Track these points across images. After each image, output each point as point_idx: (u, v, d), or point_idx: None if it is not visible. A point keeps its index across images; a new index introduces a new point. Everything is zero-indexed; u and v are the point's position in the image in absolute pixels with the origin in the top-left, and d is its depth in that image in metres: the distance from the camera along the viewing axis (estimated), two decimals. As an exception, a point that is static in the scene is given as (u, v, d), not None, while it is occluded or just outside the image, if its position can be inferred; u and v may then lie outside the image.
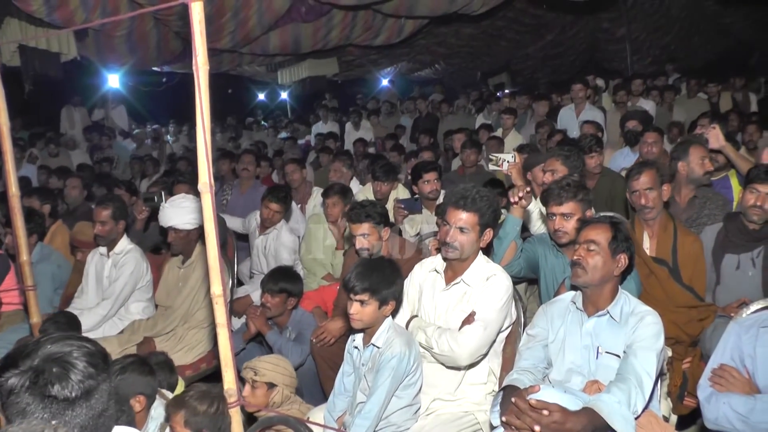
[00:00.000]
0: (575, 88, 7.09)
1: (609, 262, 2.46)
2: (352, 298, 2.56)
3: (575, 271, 2.48)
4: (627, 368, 2.29)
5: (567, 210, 3.05)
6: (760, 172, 3.24)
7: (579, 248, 2.50)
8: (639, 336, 2.36)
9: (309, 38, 9.01)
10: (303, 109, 15.17)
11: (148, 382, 2.66)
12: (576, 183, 3.14)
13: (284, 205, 4.63)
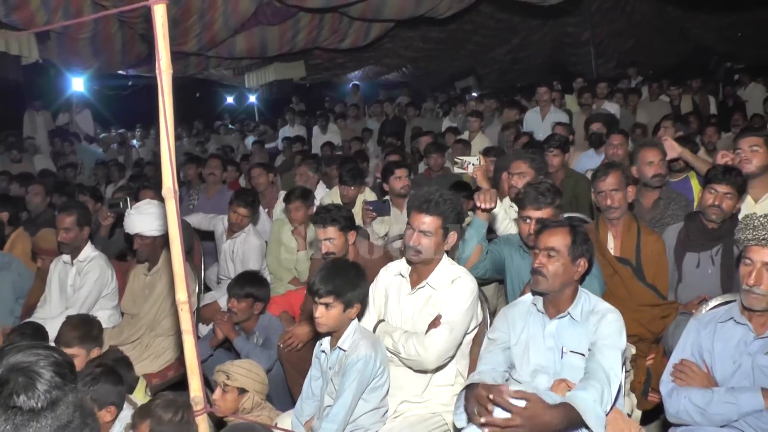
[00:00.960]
0: (540, 91, 7.19)
1: (569, 267, 2.46)
2: (317, 302, 2.55)
3: (536, 279, 2.48)
4: (595, 367, 2.31)
5: (544, 215, 3.04)
6: (718, 173, 3.32)
7: (539, 255, 2.48)
8: (602, 334, 2.38)
9: (275, 41, 8.98)
10: (271, 113, 15.09)
11: (119, 392, 2.63)
12: (554, 189, 3.14)
13: (252, 209, 4.61)
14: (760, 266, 2.27)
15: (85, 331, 3.21)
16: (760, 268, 2.27)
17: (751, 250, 2.30)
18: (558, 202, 3.10)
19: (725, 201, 3.26)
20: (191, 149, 11.37)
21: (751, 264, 2.29)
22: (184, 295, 1.91)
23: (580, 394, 2.21)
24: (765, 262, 2.26)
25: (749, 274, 2.29)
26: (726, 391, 2.30)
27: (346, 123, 11.00)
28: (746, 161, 3.68)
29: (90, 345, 3.19)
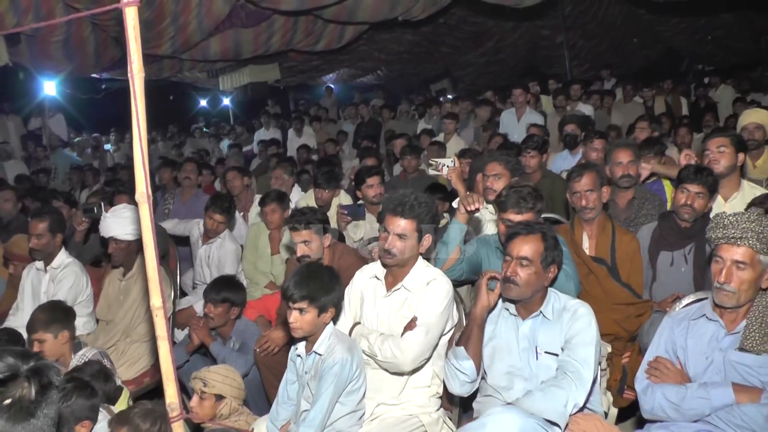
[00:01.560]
0: (516, 92, 7.25)
1: (541, 275, 2.49)
2: (291, 307, 2.53)
3: (507, 287, 2.49)
4: (566, 365, 2.36)
5: (524, 219, 3.03)
6: (690, 173, 3.36)
7: (511, 264, 2.49)
8: (574, 331, 2.43)
9: (250, 44, 8.94)
10: (245, 116, 15.01)
11: (93, 405, 2.59)
12: (536, 193, 3.15)
13: (228, 215, 4.58)
14: (730, 264, 2.30)
15: (50, 315, 3.24)
16: (730, 265, 2.30)
17: (721, 249, 2.33)
18: (539, 207, 3.10)
19: (697, 200, 3.31)
20: (166, 153, 11.27)
21: (722, 262, 2.32)
22: (158, 301, 1.88)
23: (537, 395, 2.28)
24: (734, 260, 2.29)
25: (720, 271, 2.32)
26: (698, 386, 2.33)
27: (321, 125, 10.98)
28: (714, 162, 3.75)
29: (56, 329, 3.21)
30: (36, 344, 3.19)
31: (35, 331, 3.20)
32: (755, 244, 2.26)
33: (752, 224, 2.28)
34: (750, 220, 2.29)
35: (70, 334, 3.28)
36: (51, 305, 3.38)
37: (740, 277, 2.29)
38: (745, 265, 2.28)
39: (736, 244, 2.29)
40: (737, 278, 2.29)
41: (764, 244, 2.26)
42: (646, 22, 12.35)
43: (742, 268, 2.28)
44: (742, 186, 3.82)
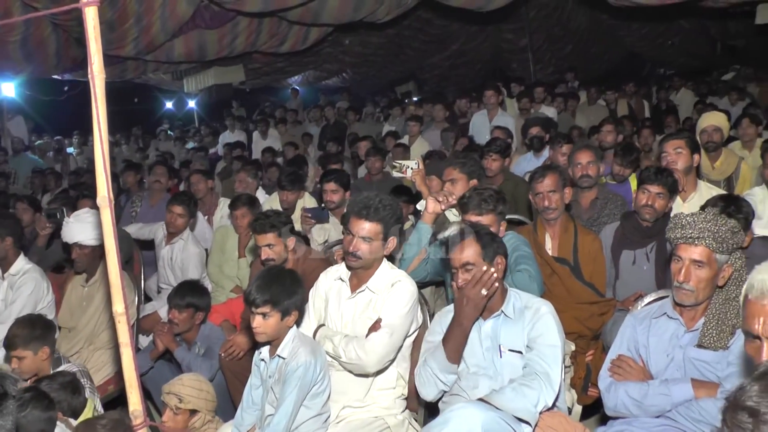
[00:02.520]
0: (487, 94, 7.26)
1: None
2: (254, 312, 2.51)
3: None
4: (534, 365, 2.37)
5: (486, 221, 3.05)
6: (651, 174, 3.43)
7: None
8: (539, 331, 2.44)
9: (214, 45, 8.86)
10: (210, 118, 14.87)
11: (50, 418, 2.51)
12: (498, 195, 3.16)
13: (187, 208, 4.50)
14: (688, 263, 2.34)
15: (29, 331, 3.12)
16: (688, 265, 2.34)
17: (680, 248, 2.37)
18: (501, 209, 3.11)
19: (657, 201, 3.37)
20: (131, 156, 11.10)
21: (681, 261, 2.36)
22: (121, 307, 1.86)
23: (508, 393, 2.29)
24: (693, 259, 2.33)
25: (679, 271, 2.35)
26: (660, 383, 2.37)
27: (287, 128, 10.94)
28: (672, 163, 3.84)
29: (36, 345, 3.11)
30: (15, 361, 3.08)
31: (14, 348, 3.08)
32: (711, 244, 2.31)
33: (708, 224, 2.32)
34: (706, 220, 2.34)
35: (50, 349, 3.17)
36: (30, 320, 3.22)
37: (698, 276, 2.33)
38: (702, 264, 2.32)
39: (694, 243, 2.33)
40: (695, 277, 2.33)
41: (720, 244, 2.31)
42: (609, 27, 12.57)
43: (700, 267, 2.33)
44: (699, 186, 3.92)
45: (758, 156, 4.31)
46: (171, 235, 4.57)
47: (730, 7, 8.79)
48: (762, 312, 1.63)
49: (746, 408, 1.05)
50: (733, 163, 4.80)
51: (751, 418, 1.04)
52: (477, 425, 2.16)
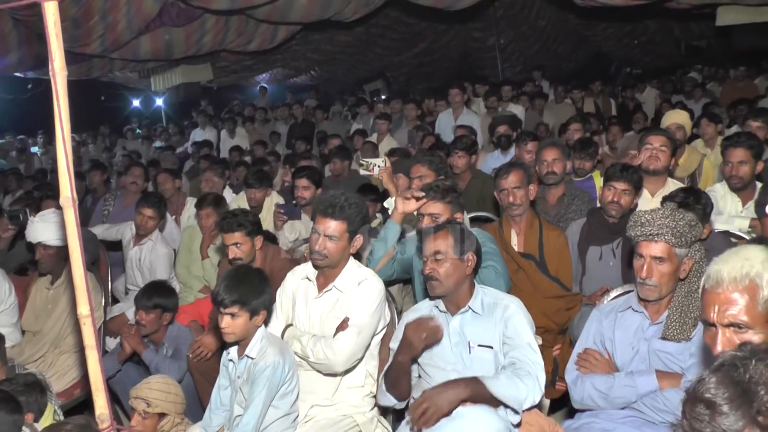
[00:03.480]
0: (452, 92, 7.33)
1: (459, 265, 2.52)
2: (222, 312, 2.50)
3: (430, 285, 2.54)
4: (523, 365, 2.38)
5: (435, 210, 3.09)
6: (616, 171, 3.49)
7: (428, 262, 2.54)
8: (514, 330, 2.46)
9: (181, 43, 8.75)
10: (178, 117, 14.67)
11: (15, 421, 2.46)
12: (445, 186, 3.19)
13: (158, 210, 4.45)
14: (649, 260, 2.38)
15: None
16: (649, 261, 2.38)
17: (640, 246, 2.41)
18: (449, 199, 3.12)
19: (623, 197, 3.43)
20: (98, 155, 10.91)
21: (642, 258, 2.40)
22: (86, 309, 1.83)
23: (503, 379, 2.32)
24: (653, 255, 2.37)
25: (641, 267, 2.39)
26: (625, 375, 2.40)
27: (255, 126, 10.86)
28: (655, 159, 3.87)
29: None
30: None
31: None
32: (671, 239, 2.35)
33: (666, 220, 2.36)
34: (664, 216, 2.38)
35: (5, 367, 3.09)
36: None
37: (660, 271, 2.37)
38: (663, 259, 2.36)
39: (654, 240, 2.37)
40: (657, 272, 2.37)
41: (679, 238, 2.35)
42: (576, 27, 12.73)
43: (661, 262, 2.37)
44: (667, 183, 3.99)
45: (720, 154, 4.42)
46: (140, 236, 4.51)
47: (692, 8, 8.97)
48: (716, 300, 1.67)
49: (703, 400, 1.08)
50: (696, 160, 4.90)
51: (708, 410, 1.07)
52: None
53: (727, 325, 1.65)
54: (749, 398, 1.04)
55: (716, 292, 1.68)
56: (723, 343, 1.65)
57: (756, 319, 1.63)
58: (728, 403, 1.05)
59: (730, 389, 1.06)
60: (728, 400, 1.05)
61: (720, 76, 10.95)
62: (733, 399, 1.05)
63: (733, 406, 1.05)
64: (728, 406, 1.05)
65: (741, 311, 1.64)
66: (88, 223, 5.41)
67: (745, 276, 1.65)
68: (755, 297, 1.64)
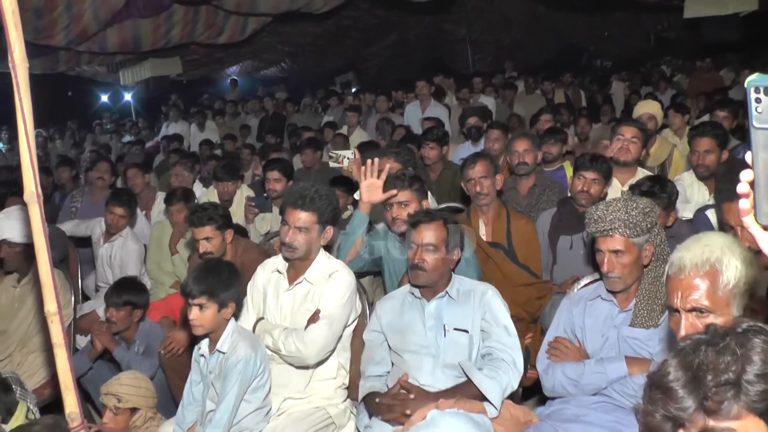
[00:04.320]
0: (419, 85, 7.38)
1: (447, 259, 2.60)
2: (191, 303, 2.49)
3: (415, 273, 2.57)
4: (499, 353, 2.47)
5: (403, 198, 3.12)
6: (586, 161, 3.52)
7: (417, 251, 2.57)
8: (492, 317, 2.53)
9: (149, 35, 8.61)
10: (148, 111, 14.46)
11: None
12: (410, 174, 3.22)
13: (129, 209, 4.39)
14: (609, 254, 2.39)
15: None
16: (609, 255, 2.39)
17: (598, 241, 2.43)
18: (416, 186, 3.16)
19: (593, 186, 3.46)
20: (66, 151, 10.72)
21: (602, 253, 2.42)
22: (53, 306, 1.81)
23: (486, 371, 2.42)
24: (611, 249, 2.39)
25: (602, 262, 2.41)
26: (595, 362, 2.43)
27: (225, 120, 10.77)
28: (626, 150, 3.91)
29: None
30: None
31: None
32: (625, 231, 2.36)
33: (618, 213, 2.37)
34: (616, 209, 2.39)
35: None
36: None
37: (621, 263, 2.39)
38: (621, 252, 2.38)
39: (609, 235, 2.38)
40: (618, 265, 2.39)
41: (633, 228, 2.36)
42: (547, 19, 12.84)
43: (620, 255, 2.38)
44: (637, 173, 4.03)
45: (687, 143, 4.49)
46: (110, 233, 4.44)
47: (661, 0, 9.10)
48: (679, 286, 1.70)
49: (659, 385, 1.10)
50: (667, 149, 4.97)
51: (662, 394, 1.09)
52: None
53: (689, 310, 1.69)
54: (698, 383, 1.06)
55: (679, 279, 1.71)
56: (686, 328, 1.68)
57: (717, 304, 1.67)
58: (681, 388, 1.07)
59: (682, 374, 1.08)
60: (681, 385, 1.07)
61: (687, 68, 11.13)
62: (686, 384, 1.07)
63: (685, 391, 1.07)
64: (682, 390, 1.07)
65: (702, 296, 1.68)
66: (56, 219, 5.31)
67: (706, 262, 1.69)
68: (716, 282, 1.68)
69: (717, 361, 1.06)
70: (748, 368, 1.05)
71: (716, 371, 1.06)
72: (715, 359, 1.07)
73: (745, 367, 1.05)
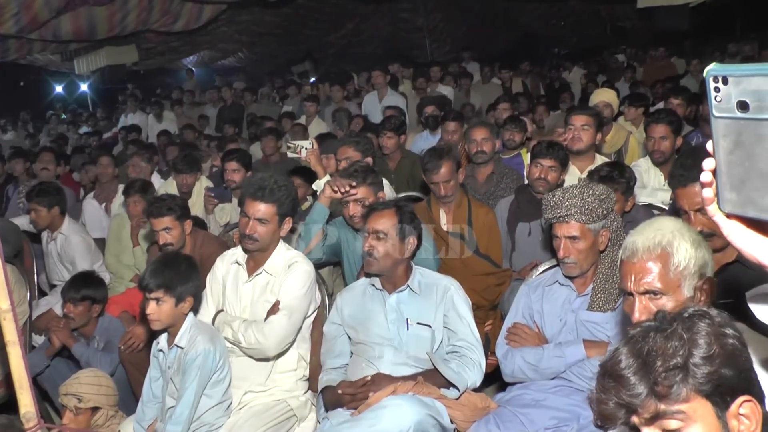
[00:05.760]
0: (375, 74, 7.39)
1: (399, 247, 2.59)
2: (148, 297, 2.46)
3: (368, 261, 2.58)
4: (467, 352, 2.52)
5: (359, 195, 3.10)
6: (543, 148, 3.56)
7: (368, 238, 2.59)
8: (456, 311, 2.56)
9: (104, 23, 8.38)
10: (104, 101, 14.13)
11: None
12: (363, 167, 3.21)
13: (46, 206, 4.17)
14: (565, 240, 2.43)
15: None
16: (565, 241, 2.43)
17: (555, 227, 2.47)
18: (370, 180, 3.15)
19: (550, 173, 3.50)
20: (20, 142, 10.41)
21: (558, 239, 2.46)
22: (6, 303, 1.77)
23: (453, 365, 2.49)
24: (567, 235, 2.42)
25: (559, 247, 2.46)
26: (554, 346, 2.47)
27: (183, 110, 10.60)
28: (578, 140, 3.95)
29: None
30: None
31: None
32: (581, 218, 2.40)
33: (575, 200, 2.41)
34: (572, 196, 2.42)
35: None
36: None
37: (577, 249, 2.43)
38: (577, 238, 2.42)
39: (565, 221, 2.42)
40: (574, 250, 2.43)
41: (589, 215, 2.40)
42: (504, 9, 12.91)
43: (576, 241, 2.42)
44: (595, 159, 4.10)
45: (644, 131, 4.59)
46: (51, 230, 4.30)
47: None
48: (632, 270, 1.75)
49: (611, 373, 1.12)
50: (623, 137, 5.07)
51: (615, 383, 1.11)
52: (409, 424, 2.24)
53: (643, 293, 1.73)
54: (648, 370, 1.09)
55: (632, 262, 1.75)
56: (640, 311, 1.73)
57: (669, 285, 1.72)
58: (633, 375, 1.10)
59: (633, 361, 1.11)
60: (633, 372, 1.10)
61: (641, 57, 11.36)
62: (637, 371, 1.10)
63: (636, 378, 1.09)
64: (633, 377, 1.10)
65: (655, 278, 1.72)
66: (6, 212, 5.16)
67: (658, 245, 1.73)
68: (667, 264, 1.72)
69: (666, 347, 1.09)
70: (694, 351, 1.08)
71: (665, 356, 1.09)
72: (663, 344, 1.10)
73: (692, 351, 1.08)
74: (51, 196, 4.22)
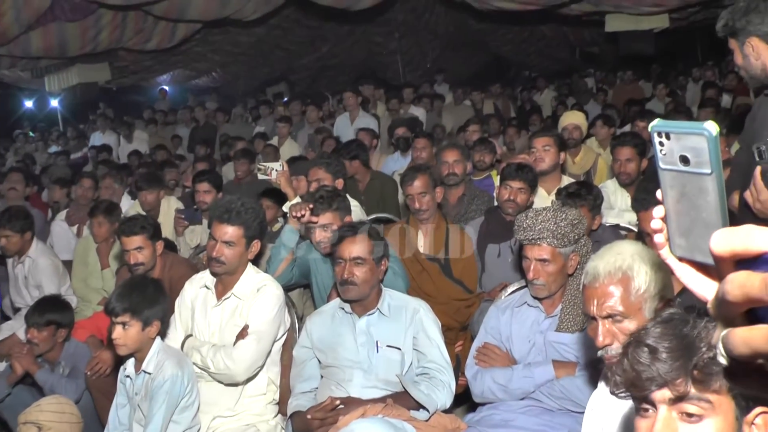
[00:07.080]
0: (346, 96, 7.45)
1: (375, 271, 2.62)
2: (114, 321, 2.43)
3: (346, 289, 2.57)
4: (437, 374, 2.52)
5: (325, 221, 3.09)
6: (511, 170, 3.60)
7: (345, 265, 2.57)
8: (425, 334, 2.56)
9: (76, 40, 8.29)
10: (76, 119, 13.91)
11: None
12: (329, 192, 3.20)
13: (17, 231, 4.08)
14: (535, 262, 2.46)
15: None
16: (535, 263, 2.46)
17: (525, 249, 2.49)
18: (336, 205, 3.13)
19: (519, 195, 3.53)
20: (-13, 162, 10.22)
21: (528, 260, 2.48)
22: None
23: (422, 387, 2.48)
24: (537, 258, 2.45)
25: (528, 269, 2.48)
26: (523, 367, 2.48)
27: (156, 129, 10.51)
28: (540, 160, 4.02)
29: None
30: None
31: None
32: (553, 241, 2.43)
33: (547, 223, 2.44)
34: (545, 219, 2.45)
35: None
36: None
37: (546, 271, 2.45)
38: (547, 261, 2.45)
39: (537, 243, 2.45)
40: (544, 273, 2.45)
41: (561, 239, 2.43)
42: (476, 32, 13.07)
43: (546, 263, 2.45)
44: (562, 180, 4.17)
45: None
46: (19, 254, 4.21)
47: (583, 15, 9.46)
48: (594, 294, 1.78)
49: (647, 345, 1.15)
50: (591, 158, 5.17)
51: (650, 354, 1.14)
52: None
53: (605, 316, 1.76)
54: (691, 352, 1.11)
55: (594, 287, 1.78)
56: (604, 334, 1.76)
57: (630, 308, 1.75)
58: (668, 353, 1.12)
59: (674, 341, 1.13)
60: (668, 350, 1.13)
61: (610, 81, 11.61)
62: (674, 350, 1.12)
63: (671, 356, 1.12)
64: (667, 355, 1.12)
65: (617, 302, 1.75)
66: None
67: (618, 269, 1.77)
68: (628, 288, 1.76)
69: (710, 336, 1.11)
70: None
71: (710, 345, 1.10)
72: (708, 333, 1.12)
73: None
74: (22, 221, 4.13)
